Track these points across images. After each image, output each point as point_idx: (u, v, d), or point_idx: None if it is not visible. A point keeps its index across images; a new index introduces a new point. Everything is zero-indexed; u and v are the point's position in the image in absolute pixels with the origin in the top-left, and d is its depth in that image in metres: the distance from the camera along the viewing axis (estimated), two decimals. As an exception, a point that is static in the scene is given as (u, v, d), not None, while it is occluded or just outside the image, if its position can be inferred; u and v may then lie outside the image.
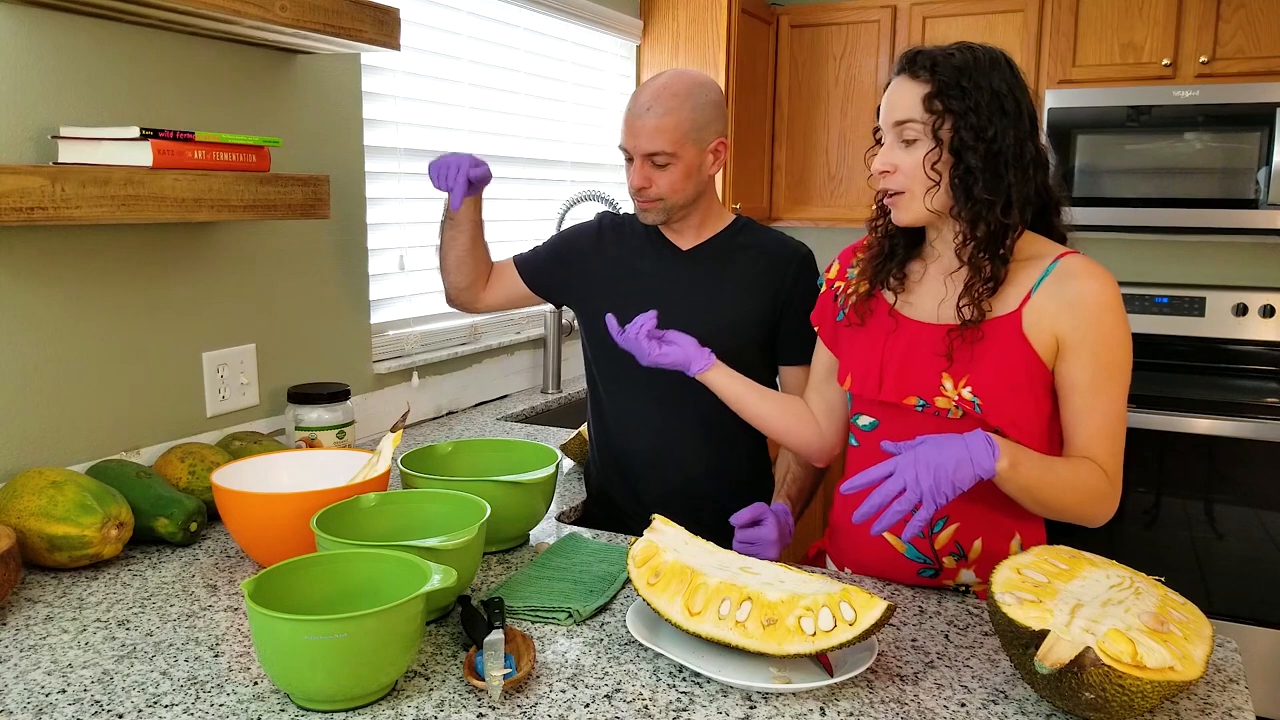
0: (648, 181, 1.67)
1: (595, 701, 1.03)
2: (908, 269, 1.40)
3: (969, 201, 1.25)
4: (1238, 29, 2.86)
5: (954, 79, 1.24)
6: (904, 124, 1.27)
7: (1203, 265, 3.32)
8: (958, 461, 1.14)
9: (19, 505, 1.35)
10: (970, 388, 1.27)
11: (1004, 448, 1.17)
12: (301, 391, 1.86)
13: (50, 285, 1.53)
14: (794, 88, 3.52)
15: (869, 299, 1.40)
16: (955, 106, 1.24)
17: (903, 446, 1.19)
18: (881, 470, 1.16)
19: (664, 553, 1.19)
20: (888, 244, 1.39)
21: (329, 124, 2.02)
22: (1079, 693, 0.95)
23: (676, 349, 1.50)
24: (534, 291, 1.88)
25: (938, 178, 1.27)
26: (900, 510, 1.14)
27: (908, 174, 1.28)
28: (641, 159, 1.66)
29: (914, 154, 1.28)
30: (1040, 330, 1.26)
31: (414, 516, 1.35)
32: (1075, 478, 1.24)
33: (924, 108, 1.25)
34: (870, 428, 1.40)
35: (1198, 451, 2.74)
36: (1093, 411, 1.26)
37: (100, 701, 1.02)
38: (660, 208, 1.69)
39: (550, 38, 2.87)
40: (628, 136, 1.67)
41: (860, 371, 1.38)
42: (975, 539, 1.35)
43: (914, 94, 1.27)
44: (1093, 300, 1.24)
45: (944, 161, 1.26)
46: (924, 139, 1.27)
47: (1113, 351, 1.25)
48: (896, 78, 1.30)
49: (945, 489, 1.13)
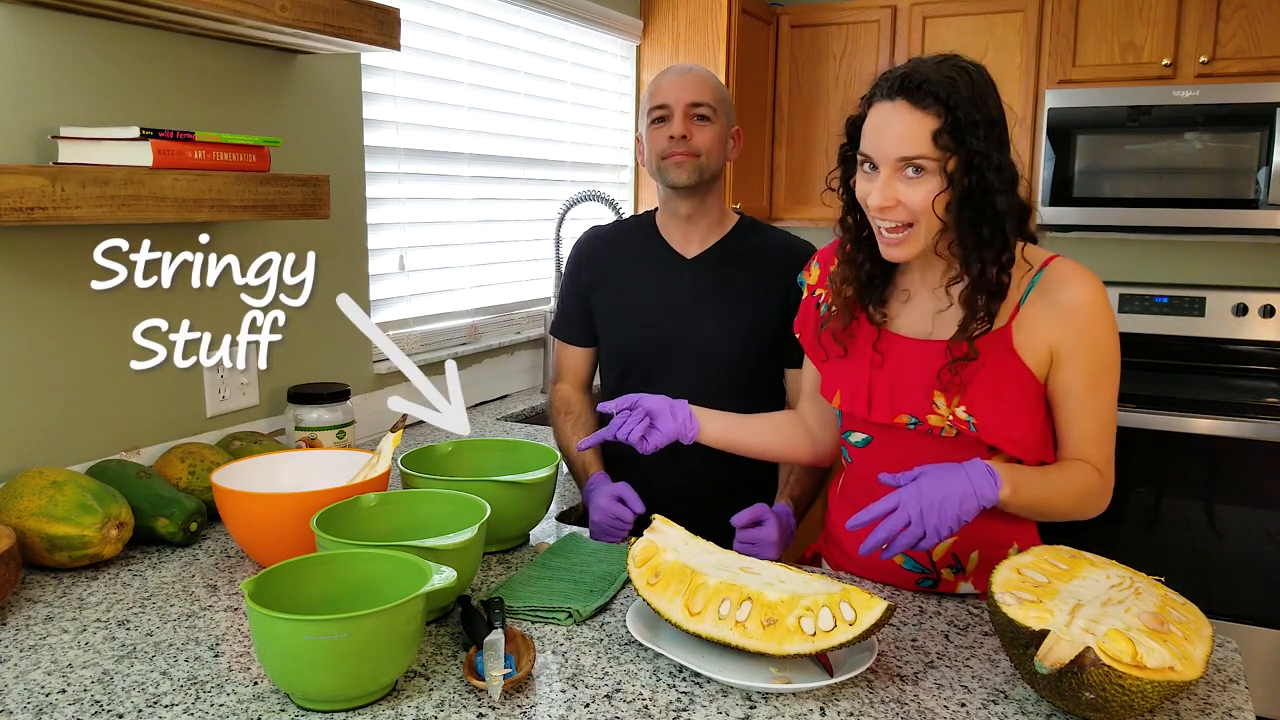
0: (689, 131, 1.67)
1: (595, 701, 1.03)
2: (890, 286, 1.35)
3: (976, 245, 1.20)
4: (1238, 29, 2.86)
5: (966, 115, 1.16)
6: (910, 161, 1.18)
7: (1203, 265, 3.32)
8: (961, 496, 1.14)
9: (19, 505, 1.35)
10: (964, 407, 1.25)
11: (1004, 474, 1.16)
12: (301, 391, 1.86)
13: (50, 285, 1.53)
14: (794, 88, 3.51)
15: (849, 323, 1.35)
16: (972, 145, 1.16)
17: (902, 478, 1.18)
18: (885, 505, 1.15)
19: (664, 553, 1.19)
20: (865, 277, 1.33)
21: (329, 124, 2.02)
22: (1079, 693, 0.95)
23: (660, 435, 1.43)
24: (593, 344, 1.86)
25: (948, 218, 1.19)
26: (905, 544, 1.13)
27: (914, 210, 1.19)
28: (684, 110, 1.68)
29: (919, 189, 1.18)
30: (1032, 343, 1.24)
31: (414, 516, 1.35)
32: (1072, 485, 1.24)
33: (933, 144, 1.16)
34: (864, 444, 1.39)
35: (1198, 451, 2.74)
36: (1088, 414, 1.26)
37: (100, 701, 1.02)
38: (695, 165, 1.68)
39: (550, 38, 2.87)
40: (667, 91, 1.69)
41: (849, 392, 1.35)
42: (972, 551, 1.34)
43: (921, 127, 1.16)
44: (1085, 307, 1.23)
45: (953, 202, 1.18)
46: (932, 175, 1.18)
47: (1106, 353, 1.25)
48: (891, 102, 1.19)
49: (950, 523, 1.13)
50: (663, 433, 1.43)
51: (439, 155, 2.43)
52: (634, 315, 1.76)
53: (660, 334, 1.74)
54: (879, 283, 1.34)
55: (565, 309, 1.87)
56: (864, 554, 1.16)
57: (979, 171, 1.17)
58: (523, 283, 2.83)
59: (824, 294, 1.43)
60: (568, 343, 1.86)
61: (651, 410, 1.43)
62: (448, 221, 2.49)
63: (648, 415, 1.43)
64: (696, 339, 1.73)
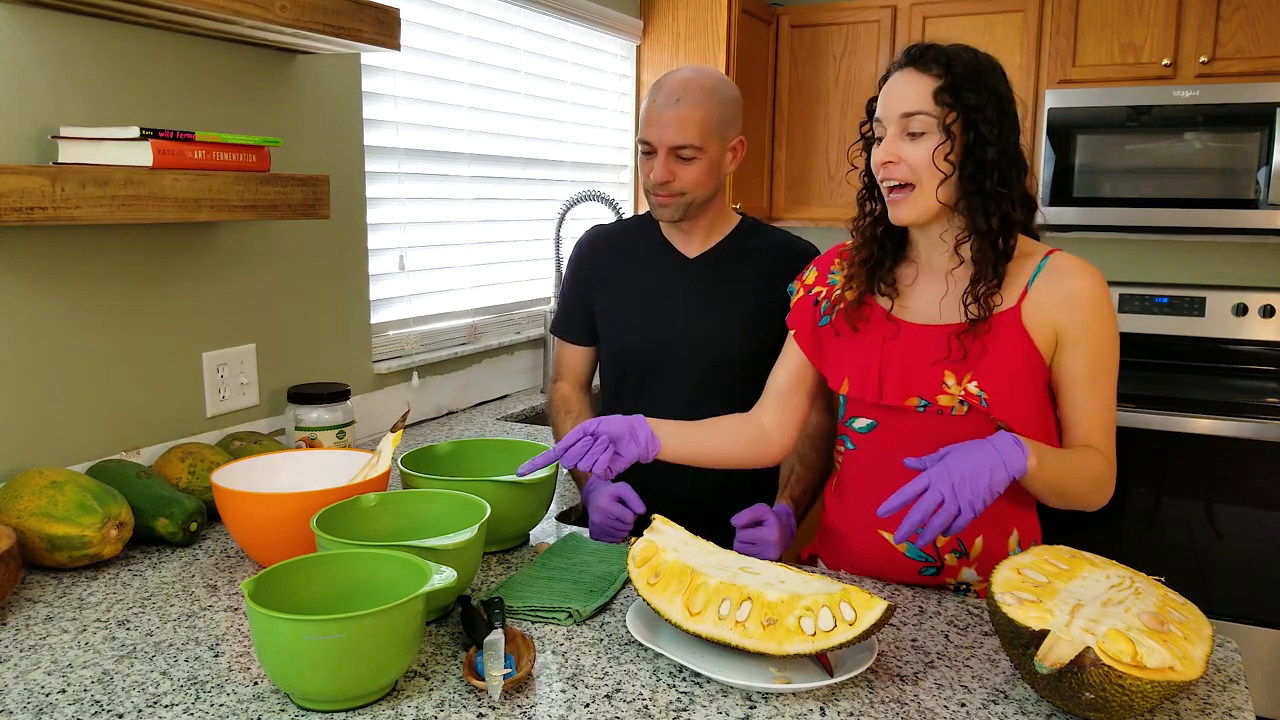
0: (671, 175, 1.64)
1: (595, 701, 1.03)
2: (897, 273, 1.39)
3: (980, 196, 1.26)
4: (1238, 29, 2.86)
5: (965, 74, 1.25)
6: (912, 116, 1.26)
7: (1203, 265, 3.32)
8: (991, 466, 1.14)
9: (19, 505, 1.35)
10: (976, 383, 1.28)
11: (1029, 445, 1.17)
12: (301, 391, 1.86)
13: (50, 285, 1.53)
14: (794, 88, 3.52)
15: (861, 306, 1.39)
16: (969, 100, 1.24)
17: (928, 460, 1.19)
18: (916, 487, 1.15)
19: (664, 553, 1.19)
20: (878, 249, 1.38)
21: (329, 124, 2.02)
22: (1079, 693, 0.95)
23: (624, 461, 1.37)
24: (593, 343, 1.85)
25: (949, 170, 1.26)
26: (940, 524, 1.13)
27: (914, 166, 1.27)
28: (666, 152, 1.63)
29: (921, 147, 1.26)
30: (1039, 324, 1.28)
31: (414, 516, 1.35)
32: (1085, 467, 1.27)
33: (934, 101, 1.25)
34: (868, 429, 1.40)
35: (1198, 451, 2.74)
36: (1092, 403, 1.29)
37: (100, 701, 1.02)
38: (680, 203, 1.67)
39: (550, 38, 2.87)
40: (652, 128, 1.64)
41: (858, 377, 1.37)
42: (976, 536, 1.35)
43: (923, 87, 1.26)
44: (1088, 296, 1.27)
45: (954, 155, 1.26)
46: (932, 132, 1.26)
47: (1107, 345, 1.29)
48: (900, 71, 1.29)
49: (984, 494, 1.13)
50: (626, 458, 1.36)
51: (439, 155, 2.43)
52: (635, 315, 1.76)
53: (660, 334, 1.74)
54: (890, 261, 1.38)
55: (566, 308, 1.87)
56: (899, 541, 1.17)
57: (985, 125, 1.24)
58: (523, 283, 2.83)
59: (823, 291, 1.45)
60: (568, 342, 1.86)
61: (612, 435, 1.35)
62: (448, 221, 2.49)
63: (610, 442, 1.35)
64: (697, 339, 1.73)
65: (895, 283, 1.38)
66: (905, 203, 1.29)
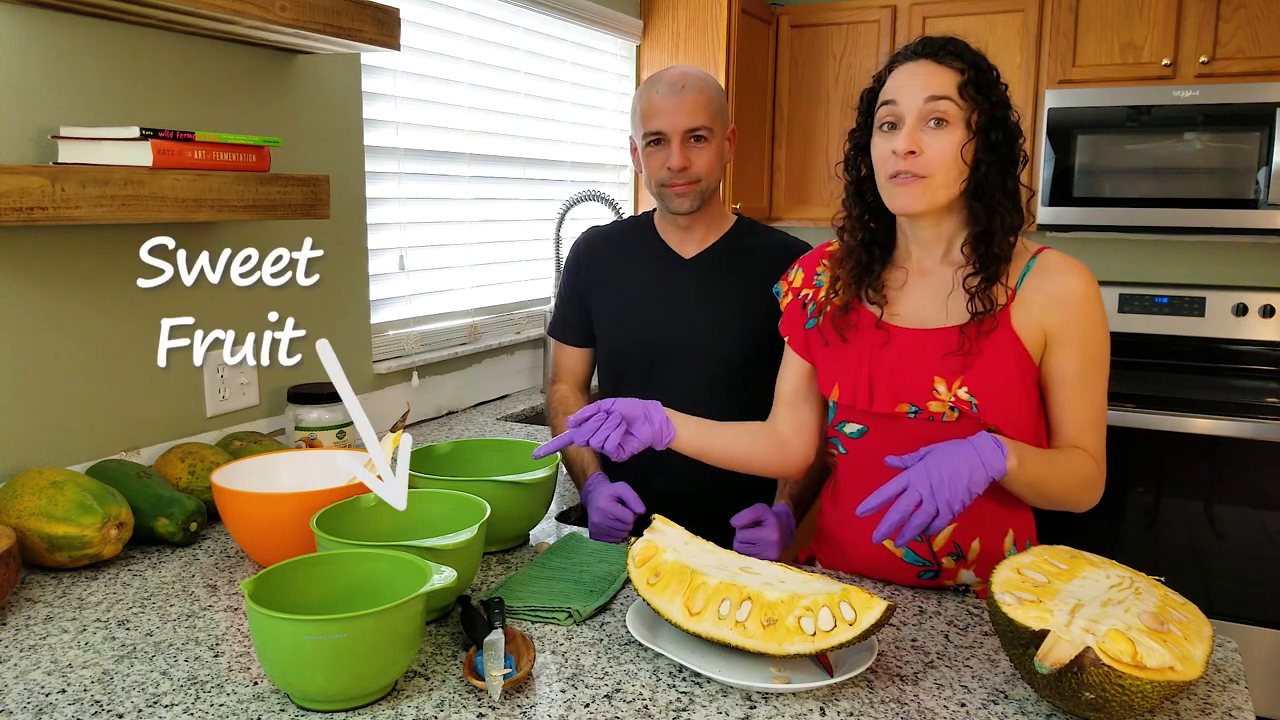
0: (689, 161, 1.65)
1: (595, 701, 1.03)
2: (884, 278, 1.37)
3: (999, 194, 1.26)
4: (1238, 29, 2.86)
5: (985, 69, 1.25)
6: (939, 100, 1.23)
7: (1203, 265, 3.32)
8: (970, 467, 1.14)
9: (19, 505, 1.35)
10: (966, 388, 1.27)
11: (1010, 446, 1.17)
12: (301, 391, 1.86)
13: (50, 285, 1.53)
14: (794, 88, 3.51)
15: (848, 313, 1.37)
16: (992, 96, 1.24)
17: (909, 459, 1.18)
18: (895, 486, 1.15)
19: (664, 553, 1.19)
20: (864, 254, 1.36)
21: (329, 124, 2.02)
22: (1079, 693, 0.95)
23: (637, 441, 1.36)
24: (591, 344, 1.85)
25: (968, 166, 1.25)
26: (919, 524, 1.13)
27: (936, 157, 1.24)
28: (681, 137, 1.65)
29: (942, 139, 1.24)
30: (1029, 325, 1.27)
31: (414, 516, 1.35)
32: (1071, 468, 1.26)
33: (959, 94, 1.23)
34: (859, 434, 1.39)
35: (1198, 451, 2.74)
36: (1081, 402, 1.28)
37: (100, 701, 1.02)
38: (697, 191, 1.68)
39: (550, 38, 2.87)
40: (661, 117, 1.65)
41: (848, 384, 1.36)
42: (973, 539, 1.34)
43: (947, 79, 1.24)
44: (1078, 295, 1.27)
45: (978, 150, 1.25)
46: (957, 124, 1.24)
47: (1098, 344, 1.28)
48: (915, 61, 1.27)
49: (961, 495, 1.13)
50: (639, 439, 1.34)
51: (439, 155, 2.43)
52: (632, 316, 1.76)
53: (658, 335, 1.74)
54: (877, 265, 1.36)
55: (563, 309, 1.87)
56: (878, 540, 1.16)
57: (1003, 123, 1.24)
58: (522, 283, 2.83)
59: (810, 294, 1.44)
60: (565, 343, 1.86)
61: (626, 415, 1.34)
62: (448, 221, 2.49)
63: (623, 421, 1.34)
64: (694, 339, 1.73)
65: (883, 288, 1.36)
66: (914, 192, 1.26)
